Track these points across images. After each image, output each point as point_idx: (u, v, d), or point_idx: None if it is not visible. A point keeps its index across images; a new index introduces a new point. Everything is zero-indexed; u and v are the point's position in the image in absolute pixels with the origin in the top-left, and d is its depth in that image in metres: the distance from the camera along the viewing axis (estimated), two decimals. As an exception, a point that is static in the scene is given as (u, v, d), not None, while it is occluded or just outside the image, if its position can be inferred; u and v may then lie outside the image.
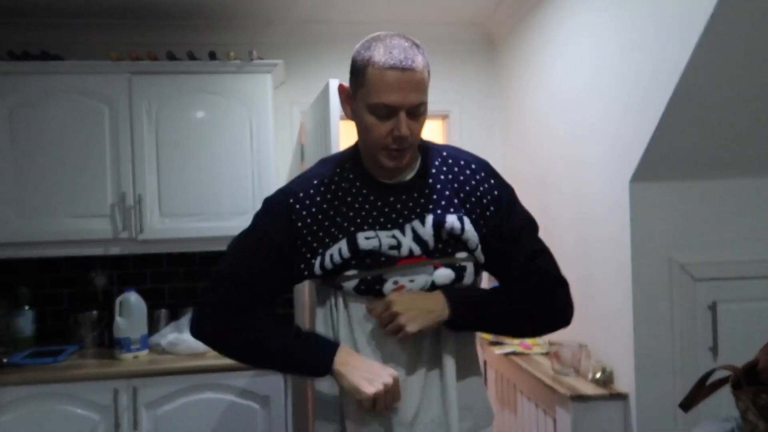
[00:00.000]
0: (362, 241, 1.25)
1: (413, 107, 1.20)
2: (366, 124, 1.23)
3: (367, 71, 1.19)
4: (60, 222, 2.66)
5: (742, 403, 1.06)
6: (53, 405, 2.39)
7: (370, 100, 1.19)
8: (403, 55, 1.17)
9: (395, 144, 1.21)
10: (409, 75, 1.17)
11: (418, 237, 1.27)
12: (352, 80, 1.25)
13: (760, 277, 2.00)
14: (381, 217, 1.28)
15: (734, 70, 1.69)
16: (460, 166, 1.35)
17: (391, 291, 1.24)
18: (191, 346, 2.58)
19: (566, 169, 2.46)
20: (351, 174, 1.32)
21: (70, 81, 2.67)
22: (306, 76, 3.14)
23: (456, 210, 1.29)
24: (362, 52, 1.22)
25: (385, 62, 1.17)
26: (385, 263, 1.25)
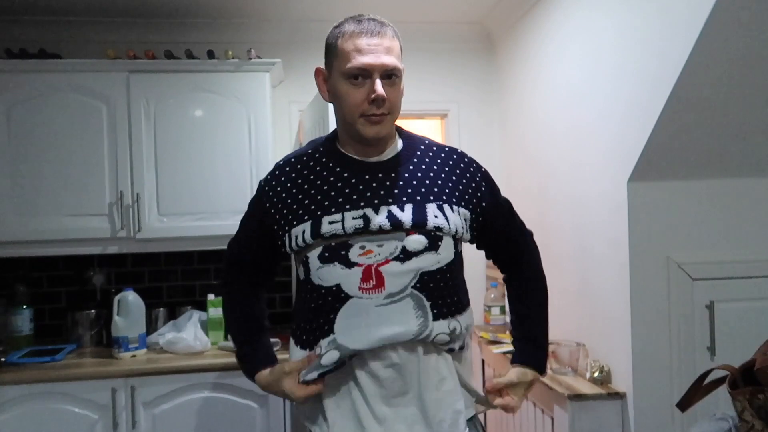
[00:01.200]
0: (325, 225, 1.26)
1: (387, 71, 1.24)
2: (342, 94, 1.26)
3: (339, 42, 1.26)
4: (58, 221, 2.65)
5: (739, 403, 1.06)
6: (51, 404, 2.39)
7: (344, 67, 1.24)
8: (371, 23, 1.26)
9: (373, 107, 1.24)
10: (378, 39, 1.24)
11: (395, 217, 1.25)
12: (326, 58, 1.32)
13: (757, 277, 2.00)
14: (353, 195, 1.27)
15: (731, 70, 1.69)
16: (445, 152, 1.39)
17: (358, 255, 1.23)
18: (189, 345, 2.58)
19: (564, 169, 2.46)
20: (325, 155, 1.35)
21: (68, 79, 2.66)
22: (304, 74, 3.13)
23: (438, 198, 1.29)
24: (333, 30, 1.31)
25: (355, 29, 1.25)
26: (350, 236, 1.25)
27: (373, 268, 1.22)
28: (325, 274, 1.25)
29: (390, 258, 1.23)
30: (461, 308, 1.33)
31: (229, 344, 2.66)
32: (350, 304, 1.23)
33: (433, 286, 1.26)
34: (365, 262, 1.23)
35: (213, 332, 2.75)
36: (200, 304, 2.92)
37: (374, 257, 1.23)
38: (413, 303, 1.24)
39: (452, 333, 1.28)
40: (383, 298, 1.23)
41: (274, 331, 2.89)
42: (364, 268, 1.23)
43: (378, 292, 1.22)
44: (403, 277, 1.23)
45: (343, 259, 1.24)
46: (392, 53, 1.26)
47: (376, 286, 1.22)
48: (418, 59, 3.18)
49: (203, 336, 2.65)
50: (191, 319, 2.75)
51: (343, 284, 1.24)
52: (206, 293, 2.86)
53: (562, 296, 2.51)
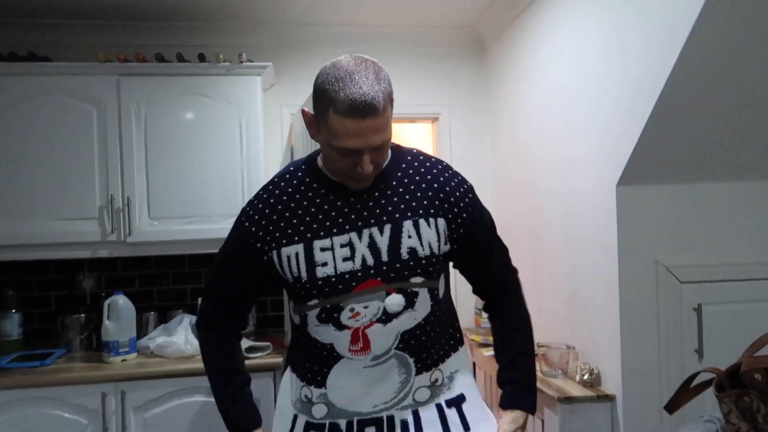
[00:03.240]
0: (318, 253, 1.26)
1: (375, 147, 1.19)
2: (330, 156, 1.23)
3: (329, 115, 1.16)
4: (48, 224, 2.64)
5: (725, 405, 1.08)
6: (40, 409, 2.37)
7: (333, 142, 1.18)
8: (363, 99, 1.13)
9: (360, 175, 1.22)
10: (369, 121, 1.15)
11: (374, 245, 1.26)
12: (315, 110, 1.22)
13: (744, 280, 2.03)
14: (339, 218, 1.28)
15: (718, 75, 1.71)
16: (426, 167, 1.35)
17: (348, 318, 1.26)
18: (180, 349, 2.57)
19: (555, 172, 2.48)
20: (308, 176, 1.33)
21: (58, 82, 2.65)
22: (296, 78, 3.14)
23: (415, 213, 1.29)
24: (324, 84, 1.17)
25: (346, 111, 1.13)
26: (342, 291, 1.25)
27: (360, 331, 1.26)
28: (321, 333, 1.29)
29: (374, 320, 1.26)
30: (447, 354, 1.36)
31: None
32: (342, 363, 1.28)
33: (414, 342, 1.29)
34: (353, 325, 1.26)
35: (204, 336, 2.74)
36: (191, 307, 2.91)
37: (361, 320, 1.26)
38: (397, 362, 1.29)
39: (433, 384, 1.32)
40: (370, 360, 1.27)
41: (266, 335, 2.91)
42: (352, 331, 1.26)
43: (365, 354, 1.27)
44: (387, 339, 1.27)
45: (335, 322, 1.27)
46: (382, 129, 1.18)
47: (363, 349, 1.26)
48: (410, 63, 3.19)
49: (194, 340, 2.64)
50: (182, 322, 2.74)
51: (336, 345, 1.28)
52: (197, 297, 2.86)
53: (552, 299, 2.52)
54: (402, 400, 1.29)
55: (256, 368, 2.50)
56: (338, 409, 1.30)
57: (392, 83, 1.23)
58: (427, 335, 1.30)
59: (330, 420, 1.30)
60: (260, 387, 2.51)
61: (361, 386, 1.28)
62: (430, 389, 1.31)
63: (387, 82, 1.19)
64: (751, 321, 1.95)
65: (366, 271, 1.25)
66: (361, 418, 1.28)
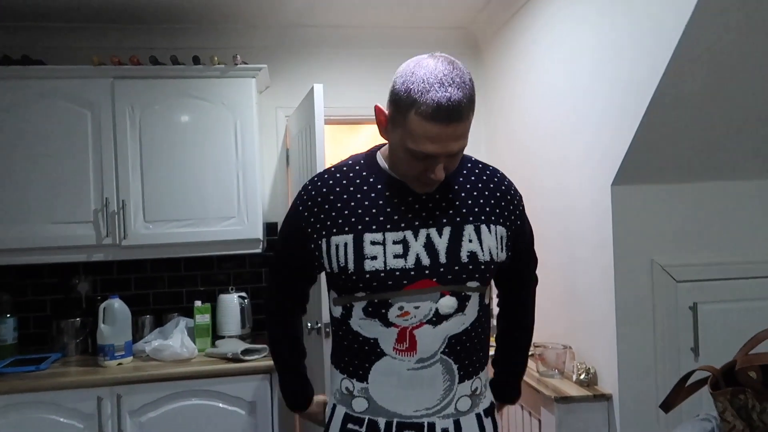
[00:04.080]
0: (368, 246, 1.24)
1: (451, 154, 1.17)
2: (401, 156, 1.20)
3: (410, 116, 1.12)
4: (42, 228, 2.63)
5: (720, 404, 1.08)
6: (36, 414, 2.36)
7: (409, 144, 1.15)
8: (449, 105, 1.09)
9: (429, 181, 1.21)
10: (452, 128, 1.12)
11: (432, 246, 1.24)
12: (391, 109, 1.18)
13: (739, 278, 2.03)
14: (395, 215, 1.26)
15: (711, 76, 1.72)
16: (487, 174, 1.35)
17: (396, 317, 1.24)
18: (176, 352, 2.57)
19: (550, 173, 2.48)
20: (366, 169, 1.31)
21: (52, 86, 2.64)
22: (291, 80, 3.14)
23: (477, 219, 1.27)
24: (409, 86, 1.13)
25: (432, 114, 1.09)
26: (392, 287, 1.23)
27: (408, 331, 1.24)
28: (366, 327, 1.27)
29: (424, 321, 1.23)
30: (485, 362, 1.36)
31: (216, 350, 2.64)
32: (385, 361, 1.26)
33: (460, 348, 1.27)
34: (401, 324, 1.24)
35: (200, 339, 2.74)
36: (187, 311, 2.90)
37: (410, 319, 1.24)
38: (442, 368, 1.26)
39: (473, 393, 1.30)
40: (414, 362, 1.25)
41: (263, 337, 2.90)
42: (399, 329, 1.24)
43: (410, 356, 1.24)
44: (434, 342, 1.25)
45: (383, 318, 1.25)
46: (462, 136, 1.15)
47: (408, 349, 1.24)
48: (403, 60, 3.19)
49: (190, 343, 2.64)
50: (178, 326, 2.73)
51: (380, 341, 1.26)
52: (193, 300, 2.85)
53: (548, 299, 2.52)
54: (445, 408, 1.26)
55: (252, 371, 2.50)
56: (379, 407, 1.27)
57: (387, 84, 1.21)
58: (472, 341, 1.29)
59: (370, 416, 1.28)
60: (257, 389, 2.51)
61: (404, 388, 1.25)
62: (471, 398, 1.29)
63: (471, 86, 1.15)
64: (746, 319, 1.95)
65: (420, 271, 1.23)
66: (401, 420, 1.26)
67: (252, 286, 3.10)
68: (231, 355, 2.55)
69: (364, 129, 4.39)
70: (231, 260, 3.09)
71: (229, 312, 2.86)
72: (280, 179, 3.19)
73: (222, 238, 2.75)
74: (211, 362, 2.56)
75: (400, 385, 1.25)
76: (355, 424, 1.29)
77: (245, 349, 2.56)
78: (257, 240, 2.80)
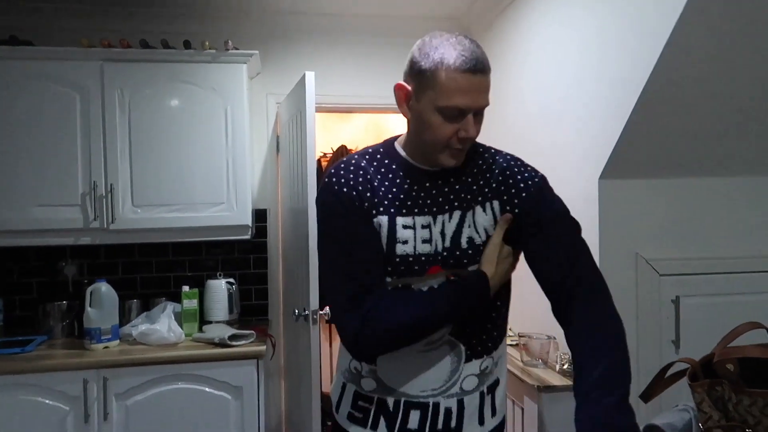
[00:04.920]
0: (400, 229, 1.24)
1: (480, 109, 1.21)
2: (431, 124, 1.20)
3: (438, 74, 1.16)
4: (29, 211, 2.61)
5: (698, 395, 1.10)
6: (21, 395, 2.36)
7: (441, 102, 1.17)
8: (474, 57, 1.16)
9: (459, 144, 1.22)
10: (480, 78, 1.17)
11: (443, 231, 1.26)
12: (415, 81, 1.21)
13: (721, 273, 2.07)
14: (419, 200, 1.28)
15: (700, 73, 1.74)
16: (498, 159, 1.35)
17: None
18: (163, 337, 2.57)
19: (539, 165, 2.48)
20: (387, 158, 1.32)
21: (41, 67, 2.62)
22: (282, 67, 3.13)
23: (476, 201, 1.28)
24: (430, 53, 1.18)
25: (460, 65, 1.15)
26: (417, 272, 1.24)
27: None
28: None
29: None
30: (498, 342, 1.35)
31: (204, 335, 2.65)
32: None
33: (468, 330, 1.29)
34: None
35: (187, 324, 2.74)
36: (174, 295, 2.90)
37: None
38: (449, 349, 1.28)
39: (482, 372, 1.31)
40: (423, 345, 1.26)
41: (249, 323, 2.91)
42: None
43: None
44: None
45: None
46: (487, 91, 1.21)
47: None
48: (396, 54, 3.18)
49: (177, 328, 2.64)
50: (165, 310, 2.74)
51: None
52: (180, 285, 2.85)
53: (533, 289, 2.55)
54: (449, 389, 1.28)
55: (239, 356, 2.52)
56: (386, 387, 1.29)
57: (379, 73, 1.23)
58: (482, 324, 1.30)
59: (378, 395, 1.30)
60: (244, 375, 2.52)
61: (411, 370, 1.27)
62: (479, 377, 1.31)
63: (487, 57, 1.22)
64: (726, 313, 2.00)
65: (435, 256, 1.25)
66: (408, 399, 1.28)
67: (240, 272, 3.10)
68: (218, 341, 2.56)
69: (356, 118, 4.38)
70: (219, 246, 3.09)
71: (217, 298, 2.86)
72: (270, 166, 3.19)
73: (211, 224, 2.75)
74: (198, 347, 2.56)
75: (407, 367, 1.28)
76: (365, 402, 1.32)
77: (232, 335, 2.57)
78: (246, 226, 2.80)
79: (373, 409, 1.30)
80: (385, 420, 1.29)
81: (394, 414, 1.29)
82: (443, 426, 1.27)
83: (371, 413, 1.31)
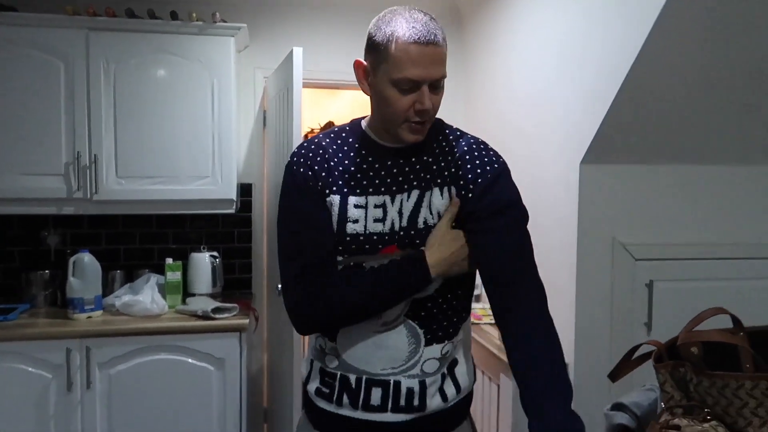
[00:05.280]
0: (351, 209, 1.27)
1: (435, 81, 1.22)
2: (388, 98, 1.22)
3: (390, 46, 1.18)
4: (11, 179, 2.60)
5: (662, 375, 1.15)
6: (3, 363, 2.38)
7: (394, 74, 1.19)
8: (425, 29, 1.18)
9: (417, 117, 1.23)
10: (432, 49, 1.18)
11: (401, 211, 1.28)
12: (370, 56, 1.23)
13: (695, 259, 2.13)
14: (376, 179, 1.29)
15: (682, 63, 1.77)
16: (461, 141, 1.35)
17: None
18: (146, 308, 2.59)
19: (523, 149, 2.53)
20: (351, 136, 1.34)
21: (24, 34, 2.58)
22: (270, 41, 3.11)
23: (435, 183, 1.29)
24: (382, 27, 1.21)
25: (409, 37, 1.17)
26: (368, 251, 1.27)
27: None
28: None
29: None
30: (457, 330, 1.35)
31: (187, 307, 2.67)
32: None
33: (425, 314, 1.30)
34: None
35: (171, 296, 2.76)
36: (158, 267, 2.92)
37: None
38: (406, 331, 1.29)
39: (443, 356, 1.32)
40: (380, 325, 1.28)
41: (233, 296, 2.94)
42: None
43: (376, 318, 1.28)
44: (396, 306, 1.28)
45: None
46: (442, 62, 1.22)
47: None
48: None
49: (160, 299, 2.66)
50: (149, 282, 2.75)
51: None
52: (164, 257, 2.86)
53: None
54: (410, 369, 1.29)
55: (222, 329, 2.55)
56: (348, 364, 1.31)
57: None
58: (439, 308, 1.30)
59: (341, 372, 1.32)
60: (226, 347, 2.56)
61: (370, 348, 1.29)
62: (440, 361, 1.31)
63: (442, 28, 1.24)
64: (698, 298, 2.04)
65: (392, 236, 1.27)
66: (369, 377, 1.29)
67: (224, 246, 3.12)
68: (201, 313, 2.59)
69: (345, 94, 4.37)
70: (204, 219, 3.10)
71: (200, 271, 2.88)
72: (256, 140, 3.18)
73: (195, 197, 2.75)
74: (182, 319, 2.59)
75: (366, 346, 1.29)
76: (330, 379, 1.34)
77: (215, 308, 2.60)
78: (231, 200, 2.81)
79: (337, 385, 1.33)
80: (348, 397, 1.31)
81: (356, 390, 1.31)
82: (406, 403, 1.29)
83: (336, 389, 1.33)
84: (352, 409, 1.31)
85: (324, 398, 1.35)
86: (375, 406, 1.30)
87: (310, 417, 1.40)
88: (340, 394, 1.33)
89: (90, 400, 2.45)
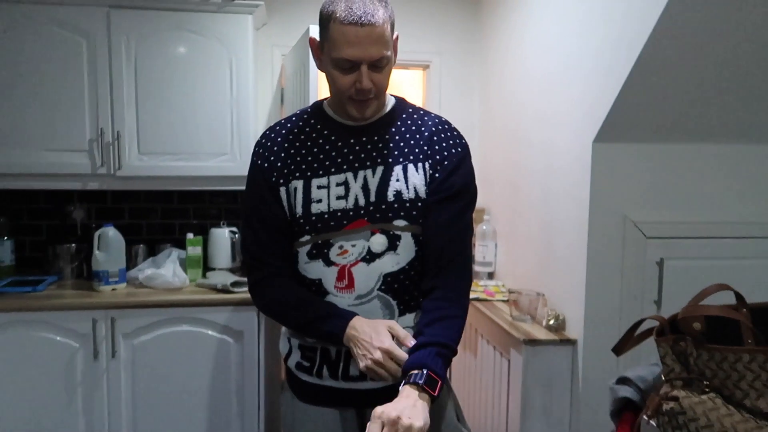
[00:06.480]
0: (314, 190, 1.34)
1: (375, 60, 1.25)
2: (333, 76, 1.29)
3: (330, 26, 1.24)
4: (38, 155, 2.67)
5: (662, 349, 1.19)
6: (33, 332, 2.48)
7: (333, 54, 1.25)
8: (362, 10, 1.21)
9: (358, 95, 1.29)
10: (368, 30, 1.21)
11: (366, 187, 1.34)
12: (320, 32, 1.30)
13: (706, 237, 2.13)
14: (338, 158, 1.35)
15: (697, 38, 1.76)
16: (425, 119, 1.41)
17: (336, 255, 1.34)
18: (168, 281, 2.67)
19: (536, 127, 2.54)
20: (313, 117, 1.41)
21: (47, 11, 2.63)
22: (288, 18, 3.13)
23: (406, 158, 1.35)
24: (327, 6, 1.27)
25: (345, 18, 1.21)
26: (333, 228, 1.33)
27: (346, 269, 1.34)
28: (310, 269, 1.37)
29: (359, 258, 1.33)
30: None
31: (207, 281, 2.75)
32: (329, 299, 1.36)
33: (398, 286, 1.35)
34: (341, 263, 1.34)
35: (191, 270, 2.84)
36: (179, 242, 3.00)
37: (348, 257, 1.33)
38: (380, 304, 1.36)
39: (417, 325, 1.36)
40: (354, 299, 1.35)
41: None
42: (339, 268, 1.34)
43: (349, 292, 1.34)
44: (370, 279, 1.34)
45: (325, 258, 1.35)
46: (380, 42, 1.23)
47: (347, 286, 1.34)
48: (402, 10, 3.18)
49: (182, 273, 2.74)
50: (170, 256, 2.83)
51: (324, 280, 1.36)
52: (185, 232, 2.94)
53: (526, 249, 2.64)
54: None
55: (241, 302, 2.62)
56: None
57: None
58: (411, 280, 1.36)
59: (321, 345, 1.39)
60: (245, 320, 2.63)
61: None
62: (414, 329, 1.36)
63: (388, 5, 1.27)
64: (707, 276, 2.03)
65: (357, 211, 1.33)
66: (348, 348, 1.34)
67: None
68: (221, 287, 2.67)
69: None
70: (223, 195, 3.16)
71: (220, 245, 2.96)
72: (274, 118, 3.22)
73: (214, 174, 2.81)
74: (202, 292, 2.67)
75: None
76: (310, 352, 1.41)
77: (235, 282, 2.67)
78: (249, 177, 2.86)
79: (318, 358, 1.39)
80: (328, 368, 1.38)
81: (336, 362, 1.37)
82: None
83: (316, 362, 1.39)
84: (333, 380, 1.38)
85: (305, 371, 1.42)
86: (354, 376, 1.37)
87: (294, 390, 1.46)
88: (320, 367, 1.39)
89: (115, 369, 2.55)
